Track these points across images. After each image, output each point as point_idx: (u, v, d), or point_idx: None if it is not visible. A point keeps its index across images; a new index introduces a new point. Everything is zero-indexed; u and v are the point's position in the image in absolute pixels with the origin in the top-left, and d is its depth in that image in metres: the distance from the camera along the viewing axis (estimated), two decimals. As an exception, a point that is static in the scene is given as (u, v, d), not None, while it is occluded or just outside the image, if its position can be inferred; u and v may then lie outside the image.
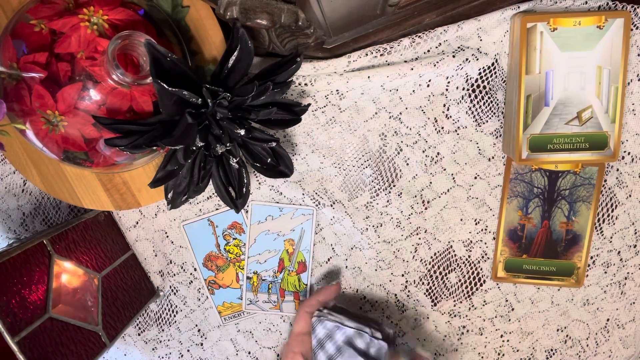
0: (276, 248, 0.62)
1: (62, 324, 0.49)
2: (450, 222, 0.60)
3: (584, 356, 0.63)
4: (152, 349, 0.67)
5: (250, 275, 0.63)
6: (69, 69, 0.44)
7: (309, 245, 0.62)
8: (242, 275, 0.63)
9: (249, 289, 0.63)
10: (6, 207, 0.62)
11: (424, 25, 0.54)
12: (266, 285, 0.63)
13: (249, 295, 0.63)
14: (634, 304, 0.62)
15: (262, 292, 0.63)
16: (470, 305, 0.62)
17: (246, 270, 0.63)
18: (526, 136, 0.52)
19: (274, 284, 0.63)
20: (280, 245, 0.62)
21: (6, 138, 0.51)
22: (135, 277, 0.62)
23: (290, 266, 0.62)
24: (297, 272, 0.62)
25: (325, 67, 0.54)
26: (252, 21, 0.43)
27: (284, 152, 0.52)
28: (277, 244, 0.62)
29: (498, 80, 0.57)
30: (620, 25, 0.50)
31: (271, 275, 0.63)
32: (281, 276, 0.63)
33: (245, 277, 0.63)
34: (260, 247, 0.62)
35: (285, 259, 0.62)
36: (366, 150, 0.59)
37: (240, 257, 0.63)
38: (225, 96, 0.46)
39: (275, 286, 0.63)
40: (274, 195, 0.61)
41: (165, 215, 0.62)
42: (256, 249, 0.62)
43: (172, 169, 0.49)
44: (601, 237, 0.60)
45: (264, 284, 0.63)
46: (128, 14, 0.46)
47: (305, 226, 0.61)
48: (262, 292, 0.63)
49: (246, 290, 0.63)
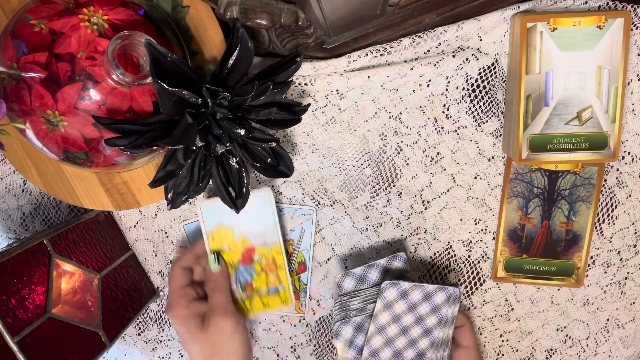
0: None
1: (62, 324, 0.49)
2: (450, 222, 0.60)
3: (583, 356, 0.63)
4: (152, 349, 0.67)
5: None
6: (69, 69, 0.44)
7: (308, 245, 0.62)
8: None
9: None
10: (6, 207, 0.62)
11: (424, 25, 0.54)
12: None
13: None
14: (633, 304, 0.62)
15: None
16: (470, 305, 0.62)
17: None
18: (526, 136, 0.52)
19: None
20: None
21: (6, 138, 0.51)
22: (135, 277, 0.62)
23: (290, 266, 0.62)
24: (297, 272, 0.62)
25: (325, 67, 0.54)
26: (252, 21, 0.43)
27: (284, 152, 0.52)
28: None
29: (498, 80, 0.57)
30: (620, 25, 0.50)
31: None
32: None
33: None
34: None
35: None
36: (366, 150, 0.59)
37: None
38: (225, 96, 0.46)
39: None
40: (273, 195, 0.61)
41: (165, 215, 0.62)
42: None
43: (172, 169, 0.49)
44: (601, 237, 0.60)
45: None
46: (128, 14, 0.46)
47: (305, 226, 0.61)
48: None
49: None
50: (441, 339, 0.55)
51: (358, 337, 0.55)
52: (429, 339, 0.54)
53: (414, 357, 0.54)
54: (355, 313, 0.55)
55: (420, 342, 0.54)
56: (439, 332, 0.54)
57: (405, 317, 0.54)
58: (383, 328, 0.54)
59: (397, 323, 0.54)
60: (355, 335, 0.55)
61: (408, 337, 0.54)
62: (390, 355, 0.54)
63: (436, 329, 0.54)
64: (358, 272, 0.56)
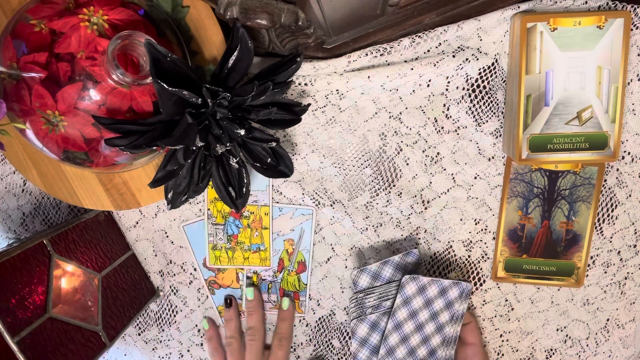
0: (276, 248, 0.62)
1: (62, 324, 0.49)
2: (450, 222, 0.60)
3: (583, 356, 0.63)
4: (152, 349, 0.67)
5: (250, 275, 0.63)
6: (69, 69, 0.44)
7: (308, 245, 0.62)
8: (242, 275, 0.63)
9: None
10: (6, 207, 0.62)
11: (424, 25, 0.54)
12: (266, 285, 0.63)
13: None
14: (633, 304, 0.62)
15: (262, 292, 0.63)
16: (470, 305, 0.62)
17: (246, 270, 0.63)
18: (526, 136, 0.52)
19: (273, 283, 0.63)
20: (280, 245, 0.62)
21: (6, 138, 0.51)
22: (135, 277, 0.62)
23: (289, 266, 0.62)
24: (297, 271, 0.62)
25: (325, 67, 0.54)
26: (252, 21, 0.43)
27: (284, 152, 0.52)
28: (277, 243, 0.62)
29: (498, 80, 0.57)
30: (620, 25, 0.50)
31: (271, 275, 0.63)
32: (281, 276, 0.63)
33: (245, 277, 0.63)
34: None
35: (284, 259, 0.62)
36: (366, 150, 0.59)
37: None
38: (225, 96, 0.46)
39: (275, 286, 0.63)
40: (273, 195, 0.61)
41: (165, 215, 0.62)
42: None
43: (172, 169, 0.49)
44: (601, 237, 0.60)
45: (263, 283, 0.63)
46: (128, 14, 0.46)
47: (304, 226, 0.61)
48: (261, 292, 0.63)
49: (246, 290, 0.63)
50: (451, 336, 0.56)
51: (372, 335, 0.56)
52: (440, 335, 0.55)
53: (426, 355, 0.55)
54: (370, 310, 0.56)
55: (432, 339, 0.55)
56: (449, 328, 0.55)
57: (421, 313, 0.55)
58: (400, 325, 0.55)
59: (413, 319, 0.55)
60: (370, 334, 0.56)
61: (422, 334, 0.55)
62: (405, 354, 0.55)
63: (448, 325, 0.55)
64: (373, 269, 0.57)
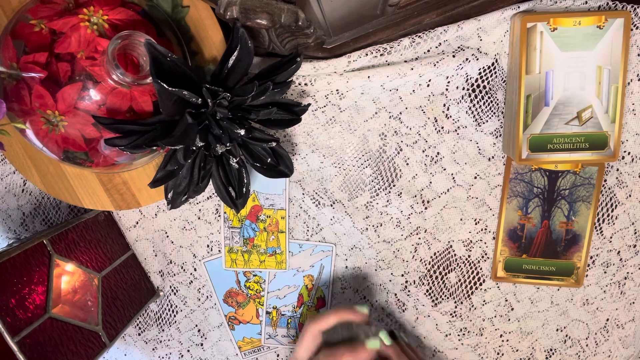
0: (295, 284, 0.62)
1: (62, 324, 0.49)
2: (450, 222, 0.60)
3: (583, 356, 0.63)
4: (152, 349, 0.67)
5: (270, 310, 0.63)
6: (69, 69, 0.44)
7: (328, 281, 0.62)
8: (262, 311, 0.63)
9: (268, 323, 0.64)
10: (6, 207, 0.62)
11: (424, 25, 0.54)
12: (285, 320, 0.63)
13: (268, 329, 0.64)
14: (633, 304, 0.62)
15: (281, 327, 0.64)
16: (470, 305, 0.62)
17: (265, 305, 0.63)
18: (526, 136, 0.52)
19: (293, 318, 0.63)
20: (299, 281, 0.62)
21: (6, 138, 0.51)
22: (135, 277, 0.62)
23: (309, 301, 0.63)
24: (316, 307, 0.63)
25: (325, 67, 0.54)
26: (252, 21, 0.43)
27: (284, 152, 0.52)
28: (297, 279, 0.62)
29: (498, 80, 0.57)
30: (620, 25, 0.50)
31: (290, 310, 0.63)
32: (300, 311, 0.63)
33: (265, 312, 0.63)
34: (279, 282, 0.62)
35: (304, 294, 0.63)
36: (366, 150, 0.59)
37: (260, 294, 0.63)
38: (225, 96, 0.46)
39: (294, 321, 0.63)
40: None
41: (165, 215, 0.62)
42: (276, 284, 0.62)
43: (172, 169, 0.49)
44: (601, 237, 0.60)
45: (283, 318, 0.63)
46: (128, 14, 0.46)
47: (324, 262, 0.62)
48: (281, 327, 0.64)
49: (265, 324, 0.64)
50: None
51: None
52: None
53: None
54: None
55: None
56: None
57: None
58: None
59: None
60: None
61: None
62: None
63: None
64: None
